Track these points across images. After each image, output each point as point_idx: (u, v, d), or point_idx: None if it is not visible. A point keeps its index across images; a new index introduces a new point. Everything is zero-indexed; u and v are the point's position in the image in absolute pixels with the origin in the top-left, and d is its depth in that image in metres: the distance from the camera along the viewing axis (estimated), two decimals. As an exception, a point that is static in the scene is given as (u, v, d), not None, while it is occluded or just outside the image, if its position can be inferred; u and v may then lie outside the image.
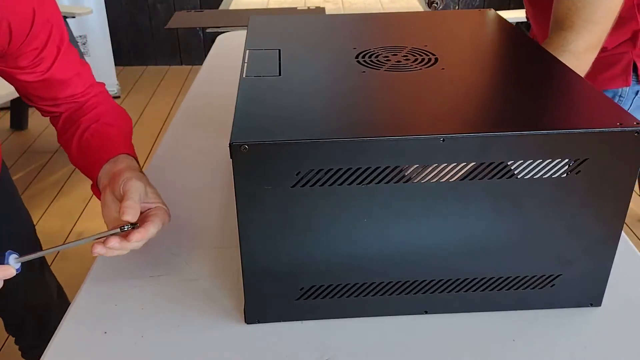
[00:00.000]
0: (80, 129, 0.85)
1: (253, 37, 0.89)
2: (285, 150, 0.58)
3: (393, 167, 0.59)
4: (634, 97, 1.18)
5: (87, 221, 2.37)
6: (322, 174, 0.59)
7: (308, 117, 0.63)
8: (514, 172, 0.61)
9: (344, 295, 0.67)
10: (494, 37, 0.89)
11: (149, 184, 0.76)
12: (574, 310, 0.70)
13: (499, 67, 0.77)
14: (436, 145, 0.58)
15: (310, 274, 0.66)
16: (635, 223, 2.30)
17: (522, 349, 0.65)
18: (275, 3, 2.33)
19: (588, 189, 0.62)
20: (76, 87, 0.88)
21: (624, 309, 0.70)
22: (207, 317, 0.70)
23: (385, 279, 0.67)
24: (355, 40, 0.87)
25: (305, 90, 0.70)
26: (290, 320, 0.69)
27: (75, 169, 2.75)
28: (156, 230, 0.71)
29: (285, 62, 0.78)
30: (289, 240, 0.63)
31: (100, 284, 0.75)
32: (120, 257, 0.80)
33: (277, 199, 0.60)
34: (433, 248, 0.65)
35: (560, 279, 0.68)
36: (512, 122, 0.62)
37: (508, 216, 0.63)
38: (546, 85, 0.72)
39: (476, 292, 0.68)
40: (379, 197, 0.61)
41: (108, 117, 0.88)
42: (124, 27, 3.94)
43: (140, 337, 0.67)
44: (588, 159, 0.60)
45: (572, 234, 0.65)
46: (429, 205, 0.62)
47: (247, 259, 0.64)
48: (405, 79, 0.73)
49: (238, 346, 0.66)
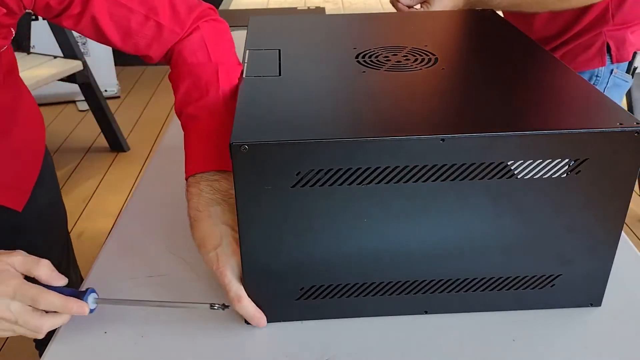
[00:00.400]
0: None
1: (253, 37, 0.89)
2: (285, 150, 0.58)
3: (393, 167, 0.59)
4: (609, 76, 1.25)
5: (87, 221, 2.37)
6: (322, 174, 0.59)
7: (308, 117, 0.63)
8: (514, 172, 0.61)
9: (343, 296, 0.67)
10: (494, 37, 0.89)
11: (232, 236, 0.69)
12: (574, 310, 0.70)
13: (499, 67, 0.76)
14: (436, 146, 0.58)
15: (310, 274, 0.66)
16: (635, 223, 2.30)
17: (522, 349, 0.65)
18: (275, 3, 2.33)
19: (588, 189, 0.62)
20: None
21: (625, 309, 0.70)
22: (207, 317, 0.70)
23: (385, 279, 0.67)
24: (355, 40, 0.87)
25: (305, 90, 0.70)
26: (290, 320, 0.69)
27: (75, 169, 2.75)
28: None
29: (285, 62, 0.78)
30: (288, 240, 0.63)
31: (100, 284, 0.75)
32: (120, 257, 0.80)
33: (277, 199, 0.60)
34: (433, 248, 0.65)
35: (560, 279, 0.68)
36: (512, 122, 0.62)
37: (508, 216, 0.63)
38: (546, 85, 0.72)
39: (476, 292, 0.68)
40: (378, 197, 0.61)
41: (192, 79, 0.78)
42: (124, 27, 3.93)
43: (140, 337, 0.67)
44: (588, 159, 0.60)
45: (572, 234, 0.65)
46: (429, 205, 0.62)
47: (247, 258, 0.64)
48: (405, 79, 0.73)
49: (238, 346, 0.66)
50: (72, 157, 2.85)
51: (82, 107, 3.24)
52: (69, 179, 2.67)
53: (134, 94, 3.59)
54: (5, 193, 0.91)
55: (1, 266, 0.63)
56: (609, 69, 1.24)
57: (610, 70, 1.24)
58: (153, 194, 0.94)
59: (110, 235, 0.86)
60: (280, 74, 0.74)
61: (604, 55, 1.22)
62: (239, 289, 0.66)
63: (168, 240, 0.82)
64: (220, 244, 0.67)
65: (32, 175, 0.97)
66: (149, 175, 0.80)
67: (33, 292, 0.63)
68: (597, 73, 1.24)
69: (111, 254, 0.82)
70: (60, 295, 0.64)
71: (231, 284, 0.66)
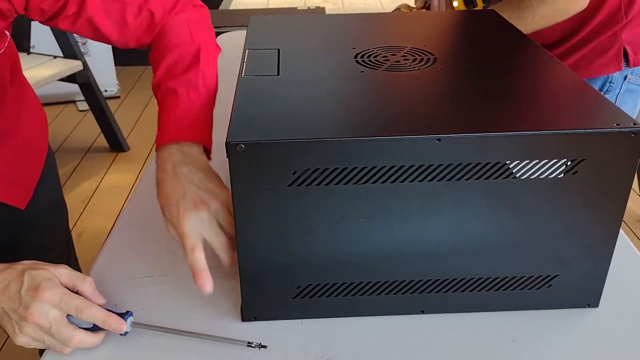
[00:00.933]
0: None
1: (252, 36, 0.89)
2: (282, 149, 0.58)
3: (389, 167, 0.59)
4: (623, 82, 1.23)
5: (87, 221, 2.37)
6: (318, 173, 0.59)
7: (305, 116, 0.63)
8: (511, 173, 0.61)
9: (340, 294, 0.67)
10: (492, 37, 0.89)
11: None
12: (574, 310, 0.70)
13: (497, 67, 0.77)
14: (432, 145, 0.58)
15: (307, 273, 0.66)
16: (635, 223, 2.30)
17: (522, 349, 0.65)
18: (275, 3, 2.33)
19: (585, 190, 0.62)
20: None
21: (625, 309, 0.70)
22: (206, 316, 0.70)
23: (382, 279, 0.67)
24: (354, 40, 0.87)
25: (303, 90, 0.70)
26: (287, 319, 0.69)
27: (75, 169, 2.75)
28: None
29: (284, 62, 0.78)
30: (285, 239, 0.63)
31: (100, 284, 0.75)
32: (120, 257, 0.80)
33: (273, 198, 0.61)
34: (429, 248, 0.65)
35: (558, 280, 0.68)
36: (509, 122, 0.62)
37: (505, 217, 0.63)
38: (544, 85, 0.72)
39: (473, 293, 0.68)
40: (375, 196, 0.61)
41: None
42: (124, 27, 3.93)
43: (140, 337, 0.67)
44: (585, 159, 0.60)
45: (569, 234, 0.65)
46: (426, 205, 0.62)
47: (243, 257, 0.64)
48: (403, 79, 0.73)
49: (236, 345, 0.66)
50: (72, 157, 2.85)
51: (82, 107, 3.24)
52: (69, 178, 2.67)
53: (134, 94, 3.59)
54: (8, 191, 0.91)
55: (48, 275, 0.64)
56: (623, 74, 1.22)
57: (624, 76, 1.22)
58: (153, 193, 0.93)
59: (110, 235, 0.86)
60: (279, 74, 0.74)
61: (620, 60, 1.20)
62: (196, 240, 0.64)
63: (168, 240, 0.82)
64: (183, 198, 0.66)
65: (35, 173, 0.97)
66: (149, 175, 0.80)
67: (78, 302, 0.64)
68: (611, 79, 1.22)
69: (111, 254, 0.82)
70: (103, 309, 0.65)
71: (189, 234, 0.64)
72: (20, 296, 0.62)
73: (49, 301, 0.62)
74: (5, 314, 0.63)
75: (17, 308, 0.62)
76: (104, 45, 3.43)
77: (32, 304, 0.61)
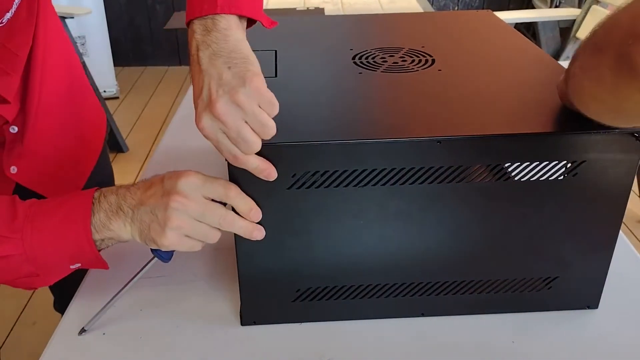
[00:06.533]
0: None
1: (250, 38, 0.89)
2: (281, 152, 0.58)
3: (389, 169, 0.59)
4: None
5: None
6: (317, 176, 0.59)
7: (304, 119, 0.63)
8: (511, 175, 0.61)
9: (340, 298, 0.67)
10: (491, 39, 0.88)
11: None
12: (574, 311, 0.70)
13: (496, 69, 0.76)
14: (432, 147, 0.58)
15: (306, 276, 0.66)
16: (634, 224, 2.30)
17: (522, 350, 0.65)
18: (275, 3, 2.32)
19: (585, 192, 0.62)
20: None
21: (625, 310, 0.70)
22: (205, 318, 0.70)
23: (382, 281, 0.66)
24: (352, 42, 0.87)
25: (301, 92, 0.70)
26: (286, 323, 0.69)
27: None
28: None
29: (282, 64, 0.77)
30: (284, 242, 0.63)
31: (98, 284, 0.75)
32: (119, 258, 0.80)
33: (273, 200, 0.60)
34: (429, 250, 0.65)
35: (557, 281, 0.68)
36: (509, 124, 0.61)
37: (504, 218, 0.63)
38: (543, 86, 0.71)
39: (472, 295, 0.68)
40: (374, 199, 0.61)
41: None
42: (123, 27, 3.94)
43: (138, 338, 0.67)
44: (585, 161, 0.60)
45: (569, 236, 0.65)
46: (425, 208, 0.62)
47: (243, 260, 0.64)
48: (401, 81, 0.73)
49: (235, 348, 0.66)
50: (71, 158, 2.84)
51: (81, 107, 3.23)
52: (67, 179, 2.67)
53: (133, 95, 3.59)
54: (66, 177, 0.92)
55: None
56: None
57: None
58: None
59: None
60: (276, 75, 0.74)
61: None
62: (227, 149, 0.57)
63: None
64: (200, 95, 0.57)
65: (90, 164, 0.99)
66: (148, 176, 0.80)
67: (221, 182, 0.60)
68: None
69: (111, 254, 0.81)
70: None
71: (207, 136, 0.57)
72: (163, 185, 0.61)
73: (192, 181, 0.60)
74: (153, 214, 0.61)
75: (162, 196, 0.60)
76: (103, 46, 3.43)
77: (177, 184, 0.59)
